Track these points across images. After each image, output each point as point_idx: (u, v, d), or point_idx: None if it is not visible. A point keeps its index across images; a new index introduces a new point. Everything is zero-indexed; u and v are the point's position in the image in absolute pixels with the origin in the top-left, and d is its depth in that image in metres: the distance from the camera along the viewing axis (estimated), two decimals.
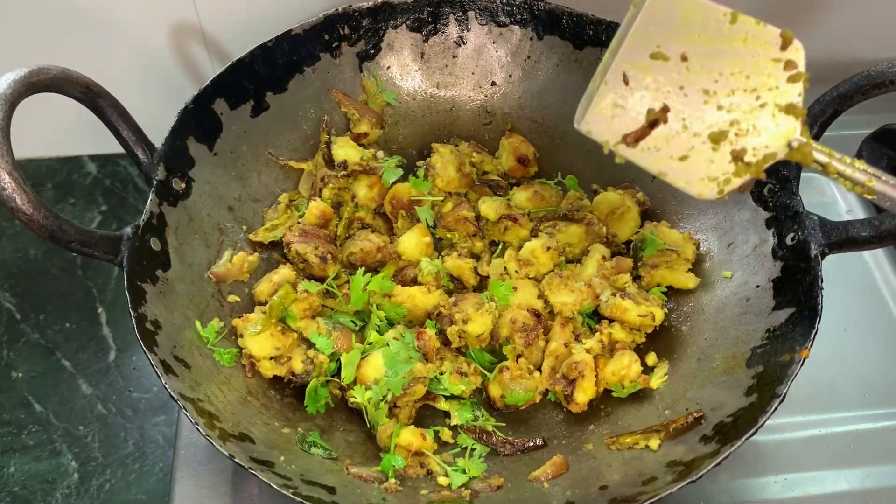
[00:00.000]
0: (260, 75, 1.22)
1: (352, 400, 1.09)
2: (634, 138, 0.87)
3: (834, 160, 0.82)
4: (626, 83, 0.86)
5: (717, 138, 0.86)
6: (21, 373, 1.29)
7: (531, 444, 1.09)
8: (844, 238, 1.01)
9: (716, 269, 1.19)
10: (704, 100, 0.86)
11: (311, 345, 1.13)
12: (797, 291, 1.04)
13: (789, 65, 0.84)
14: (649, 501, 0.90)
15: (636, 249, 1.24)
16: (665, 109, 0.86)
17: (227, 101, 1.20)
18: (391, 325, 1.16)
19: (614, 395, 1.12)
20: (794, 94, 0.84)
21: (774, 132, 0.85)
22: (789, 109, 0.84)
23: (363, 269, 1.17)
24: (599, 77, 0.88)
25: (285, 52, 1.24)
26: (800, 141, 0.84)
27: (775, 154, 0.85)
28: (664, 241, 1.20)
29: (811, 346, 0.98)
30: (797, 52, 0.84)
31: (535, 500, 1.00)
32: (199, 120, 1.17)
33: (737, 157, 0.86)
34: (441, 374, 1.11)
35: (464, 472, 1.04)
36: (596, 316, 1.20)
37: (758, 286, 1.11)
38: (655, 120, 0.86)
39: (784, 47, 0.84)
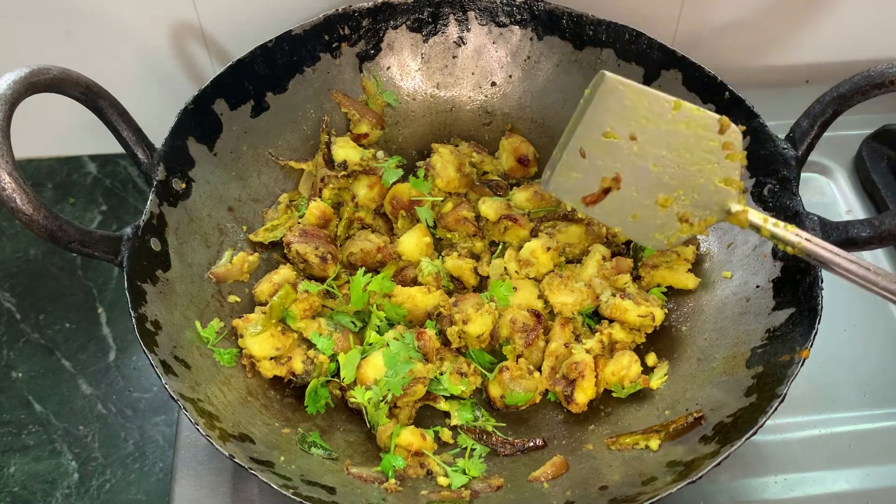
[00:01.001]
0: (260, 75, 1.22)
1: (352, 400, 1.09)
2: (591, 201, 1.00)
3: (768, 224, 0.94)
4: (583, 156, 0.98)
5: (663, 203, 0.99)
6: (21, 373, 1.29)
7: (531, 444, 1.09)
8: (844, 238, 1.01)
9: (716, 270, 1.19)
10: (652, 172, 0.97)
11: (311, 345, 1.13)
12: (797, 292, 1.04)
13: (727, 146, 0.95)
14: (649, 501, 0.90)
15: (636, 249, 1.24)
16: (617, 179, 0.98)
17: (227, 101, 1.20)
18: (391, 325, 1.16)
19: (614, 395, 1.12)
20: (733, 169, 0.96)
21: (714, 200, 0.97)
22: (728, 182, 0.96)
23: (363, 269, 1.17)
24: (560, 150, 0.99)
25: (285, 53, 1.24)
26: (736, 209, 0.96)
27: (715, 218, 0.98)
28: None
29: (811, 346, 0.98)
30: (734, 135, 0.95)
31: (535, 501, 1.00)
32: (199, 120, 1.17)
33: (682, 218, 0.99)
34: (441, 374, 1.11)
35: (464, 472, 1.04)
36: (596, 316, 1.20)
37: (758, 286, 1.11)
38: (609, 187, 0.99)
39: (722, 131, 0.95)
